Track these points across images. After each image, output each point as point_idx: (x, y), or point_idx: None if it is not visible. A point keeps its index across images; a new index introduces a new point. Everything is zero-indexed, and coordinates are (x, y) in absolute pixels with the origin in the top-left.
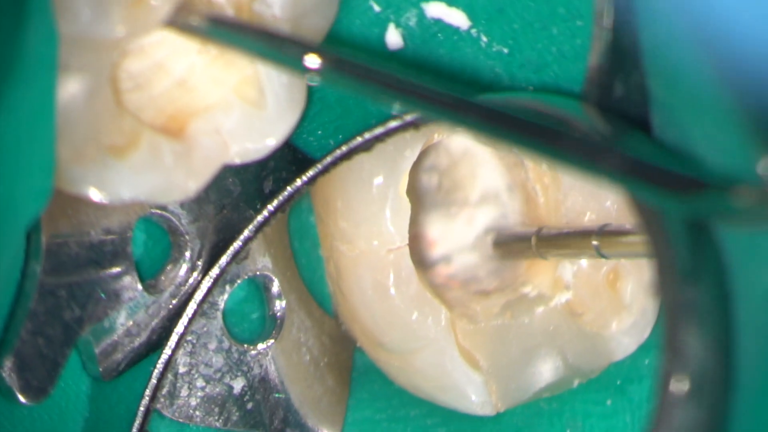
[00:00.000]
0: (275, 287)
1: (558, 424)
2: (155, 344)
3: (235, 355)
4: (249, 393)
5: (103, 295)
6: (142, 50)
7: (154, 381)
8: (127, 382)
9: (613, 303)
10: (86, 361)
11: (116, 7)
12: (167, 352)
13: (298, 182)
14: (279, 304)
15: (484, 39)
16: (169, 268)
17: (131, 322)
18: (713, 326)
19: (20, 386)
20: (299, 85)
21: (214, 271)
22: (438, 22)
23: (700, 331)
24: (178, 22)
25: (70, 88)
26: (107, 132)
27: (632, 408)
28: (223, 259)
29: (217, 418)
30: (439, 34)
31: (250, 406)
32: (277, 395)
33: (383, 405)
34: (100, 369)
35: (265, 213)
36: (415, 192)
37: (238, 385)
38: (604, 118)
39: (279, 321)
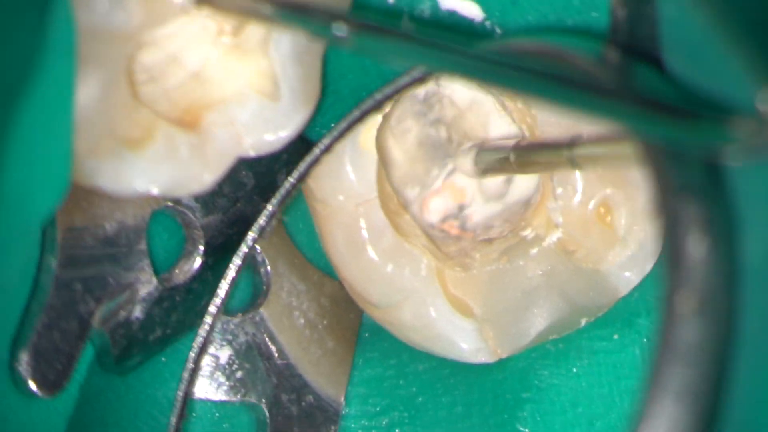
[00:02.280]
0: (258, 255)
1: (564, 364)
2: (170, 338)
3: (218, 326)
4: (237, 362)
5: (118, 288)
6: (156, 42)
7: (191, 365)
8: (135, 372)
9: (606, 237)
10: (101, 355)
11: None
12: (202, 334)
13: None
14: (263, 271)
15: (498, 31)
16: (183, 261)
17: (146, 316)
18: (717, 239)
19: (36, 379)
20: (314, 77)
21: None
22: (452, 14)
23: (703, 244)
24: None
25: (86, 80)
26: (123, 124)
27: (640, 341)
28: (250, 237)
29: (205, 389)
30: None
31: (239, 374)
32: (267, 362)
33: (393, 362)
34: (115, 363)
35: (287, 186)
36: (425, 148)
37: (225, 354)
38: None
39: (265, 288)
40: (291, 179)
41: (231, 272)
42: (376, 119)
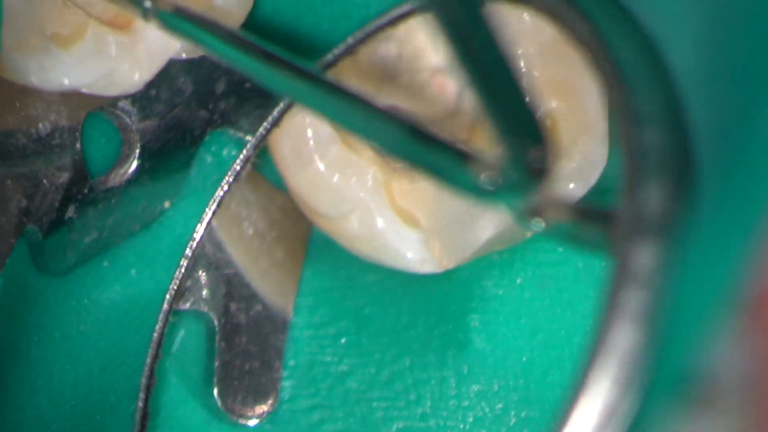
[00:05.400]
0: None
1: (508, 274)
2: (107, 242)
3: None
4: (186, 272)
5: (50, 188)
6: None
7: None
8: (77, 277)
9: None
10: (34, 254)
11: None
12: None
13: None
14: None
15: None
16: (118, 164)
17: (80, 217)
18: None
19: None
20: None
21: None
22: None
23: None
24: None
25: None
26: (52, 22)
27: (583, 253)
28: (225, 181)
29: None
30: None
31: (188, 283)
32: (216, 271)
33: (342, 274)
34: (49, 263)
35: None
36: (374, 64)
37: None
38: None
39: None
40: (266, 124)
41: (207, 216)
42: None
